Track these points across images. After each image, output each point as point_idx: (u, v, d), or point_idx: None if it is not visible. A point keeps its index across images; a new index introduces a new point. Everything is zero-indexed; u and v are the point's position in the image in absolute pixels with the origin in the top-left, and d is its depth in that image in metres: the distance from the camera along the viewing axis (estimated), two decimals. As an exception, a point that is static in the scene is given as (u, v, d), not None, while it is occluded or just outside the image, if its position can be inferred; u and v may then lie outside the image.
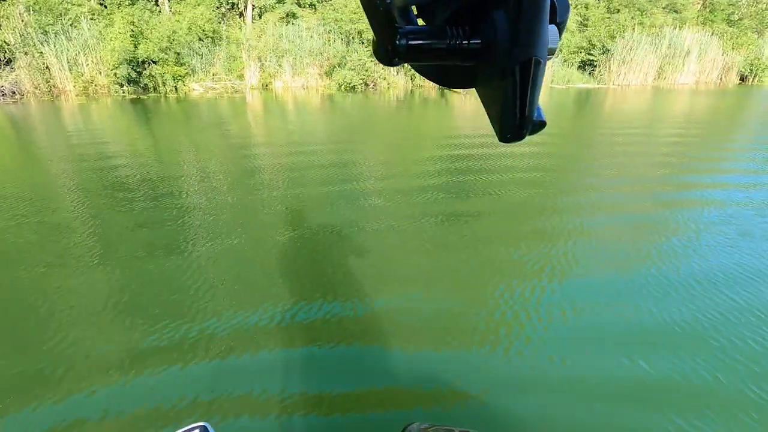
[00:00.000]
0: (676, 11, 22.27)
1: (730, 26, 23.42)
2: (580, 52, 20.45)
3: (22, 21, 13.58)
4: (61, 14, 14.53)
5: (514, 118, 0.30)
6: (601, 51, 20.06)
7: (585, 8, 22.46)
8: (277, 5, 18.33)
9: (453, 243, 3.75)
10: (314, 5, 19.09)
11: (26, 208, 4.43)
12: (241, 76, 15.95)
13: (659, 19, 20.96)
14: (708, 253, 3.60)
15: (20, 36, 13.39)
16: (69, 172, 5.68)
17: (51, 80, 13.69)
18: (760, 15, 24.22)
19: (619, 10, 21.88)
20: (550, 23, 0.30)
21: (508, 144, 0.47)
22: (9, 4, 13.80)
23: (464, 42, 0.29)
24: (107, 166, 5.98)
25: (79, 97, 13.49)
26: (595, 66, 20.39)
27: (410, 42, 0.28)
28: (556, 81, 19.03)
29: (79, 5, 15.31)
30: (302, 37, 16.40)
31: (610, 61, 19.69)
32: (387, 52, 0.30)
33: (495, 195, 5.04)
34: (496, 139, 0.31)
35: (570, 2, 0.33)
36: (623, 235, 4.01)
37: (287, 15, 17.95)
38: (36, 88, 13.25)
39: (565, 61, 20.00)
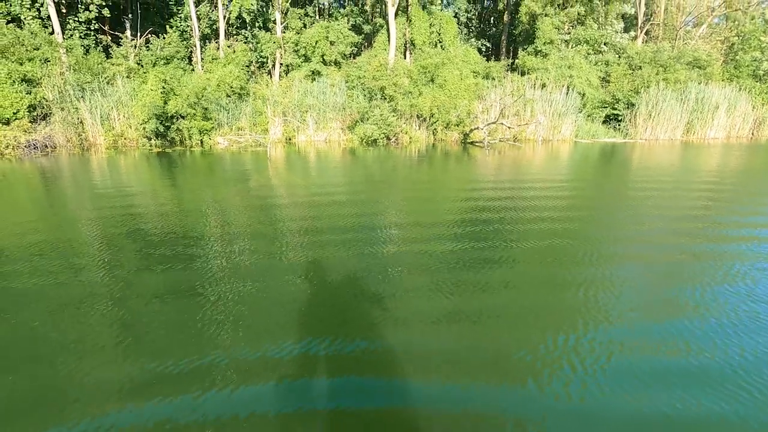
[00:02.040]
0: (699, 67, 22.17)
1: (757, 81, 23.10)
2: (605, 107, 20.31)
3: (63, 79, 14.30)
4: (99, 73, 15.32)
5: None
6: (626, 105, 19.88)
7: (606, 65, 22.63)
8: (303, 64, 19.04)
9: (473, 289, 3.70)
10: (339, 63, 19.76)
11: (48, 252, 4.52)
12: (265, 131, 16.25)
13: (682, 74, 20.83)
14: (741, 303, 3.53)
15: (59, 93, 14.04)
16: (92, 219, 5.81)
17: (83, 134, 14.16)
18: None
19: (641, 67, 21.92)
20: None
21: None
22: (52, 65, 14.63)
23: None
24: (130, 214, 6.09)
25: (108, 150, 13.84)
26: (620, 120, 20.14)
27: None
28: (581, 135, 18.76)
29: (118, 65, 16.17)
30: (326, 93, 16.78)
31: (635, 115, 19.42)
32: None
33: (518, 245, 4.90)
34: (515, 193, 0.29)
35: (592, 59, 0.26)
36: (653, 284, 3.90)
37: (312, 72, 18.57)
38: (68, 141, 13.69)
39: (588, 116, 19.83)
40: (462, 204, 7.18)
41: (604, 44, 23.61)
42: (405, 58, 20.94)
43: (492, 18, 29.78)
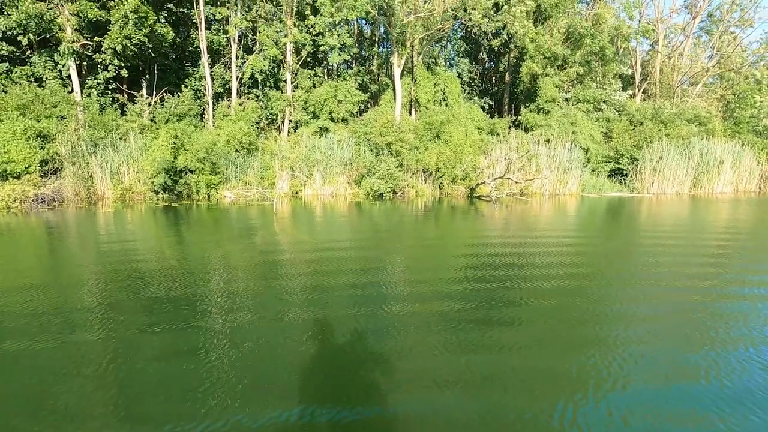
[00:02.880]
0: (701, 124, 22.57)
1: (758, 137, 23.41)
2: (609, 162, 20.49)
3: (77, 135, 14.65)
4: (113, 129, 15.72)
5: None
6: (630, 160, 20.04)
7: (607, 121, 23.10)
8: (311, 120, 19.56)
9: (481, 350, 3.63)
10: (346, 120, 20.28)
11: (47, 310, 4.41)
12: (272, 185, 16.37)
13: (684, 130, 21.16)
14: (757, 369, 3.43)
15: (72, 148, 14.33)
16: (94, 276, 5.72)
17: (92, 188, 14.28)
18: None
19: (642, 123, 22.35)
20: None
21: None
22: (68, 121, 15.06)
23: None
24: (132, 270, 6.01)
25: (115, 204, 13.88)
26: (625, 175, 20.22)
27: None
28: (588, 190, 18.75)
29: (132, 121, 16.64)
30: (333, 149, 17.06)
31: (640, 170, 19.52)
32: None
33: (527, 304, 4.81)
34: (524, 248, 0.30)
35: (593, 116, 0.27)
36: (665, 346, 3.82)
37: (320, 129, 19.02)
38: (76, 195, 13.77)
39: (593, 170, 19.95)
40: (469, 260, 7.03)
41: (604, 102, 24.27)
42: (411, 115, 21.51)
43: (493, 78, 30.96)
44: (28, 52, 16.84)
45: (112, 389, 2.97)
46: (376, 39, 26.05)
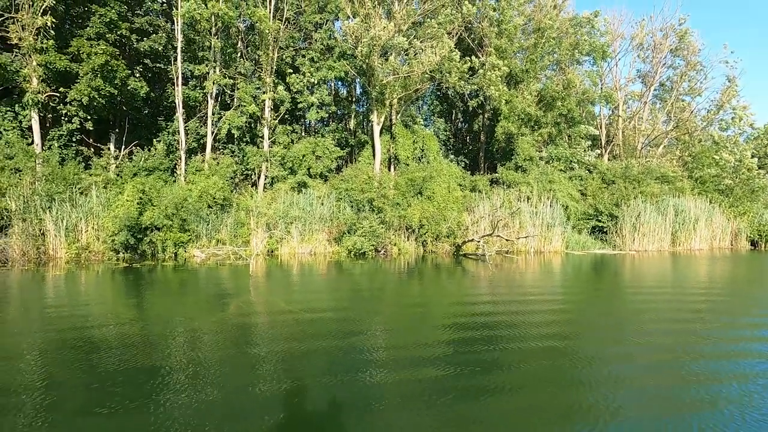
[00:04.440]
0: (668, 182, 23.38)
1: (722, 195, 24.41)
2: (589, 219, 20.61)
3: (32, 189, 13.40)
4: (74, 183, 14.56)
5: None
6: (609, 218, 20.22)
7: (580, 179, 23.63)
8: (289, 176, 18.98)
9: (467, 422, 3.47)
10: (324, 176, 19.81)
11: None
12: (246, 242, 15.31)
13: (656, 188, 21.78)
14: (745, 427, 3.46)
15: (24, 203, 13.02)
16: (33, 349, 5.06)
17: (42, 247, 12.83)
18: (747, 183, 25.58)
19: (614, 182, 22.94)
20: None
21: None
22: (24, 174, 13.85)
23: None
24: (81, 341, 5.38)
25: (68, 264, 12.44)
26: (606, 232, 20.32)
27: None
28: (572, 246, 18.57)
29: (96, 175, 15.54)
30: (313, 205, 16.35)
31: (620, 227, 19.66)
32: None
33: (513, 367, 4.71)
34: (515, 307, 0.35)
35: (567, 174, 0.29)
36: (649, 411, 3.78)
37: (298, 184, 18.40)
38: (23, 255, 12.28)
39: (574, 227, 19.95)
40: (457, 324, 6.76)
41: (575, 162, 25.01)
42: (390, 172, 21.33)
43: (467, 137, 31.79)
44: (-13, 103, 15.82)
45: None
46: (353, 98, 26.47)
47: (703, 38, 48.69)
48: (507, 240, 16.44)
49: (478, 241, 15.72)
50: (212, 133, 19.02)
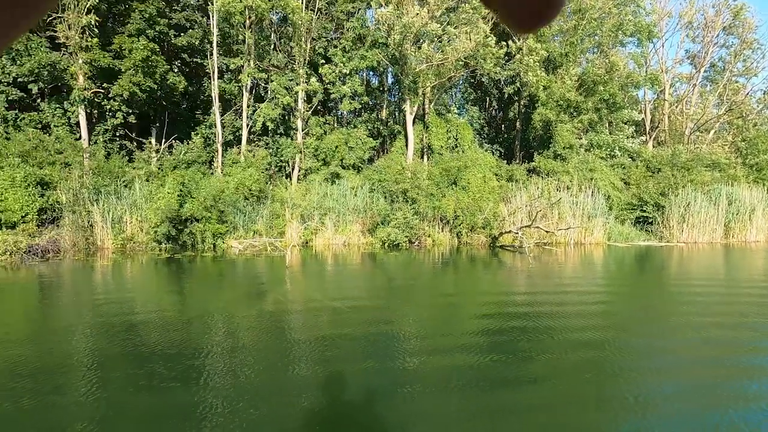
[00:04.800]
0: (720, 170, 21.97)
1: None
2: (633, 209, 19.66)
3: (80, 182, 14.00)
4: (119, 176, 15.11)
5: None
6: (655, 208, 19.22)
7: (622, 168, 22.54)
8: (322, 167, 19.04)
9: (504, 413, 3.37)
10: (358, 167, 19.75)
11: (35, 370, 4.09)
12: (282, 234, 15.49)
13: (707, 176, 20.50)
14: None
15: (74, 196, 13.63)
16: (85, 333, 5.37)
17: (91, 237, 13.41)
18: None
19: (660, 169, 21.75)
20: None
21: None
22: (73, 168, 14.48)
23: None
24: (128, 327, 5.60)
25: (115, 254, 12.96)
26: (651, 223, 19.34)
27: None
28: (615, 238, 17.78)
29: (138, 169, 16.09)
30: (346, 196, 16.33)
31: (668, 218, 18.64)
32: None
33: (549, 358, 4.52)
34: (551, 296, 0.35)
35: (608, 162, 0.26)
36: (695, 406, 3.62)
37: (331, 175, 18.43)
38: (74, 245, 12.88)
39: (616, 218, 19.08)
40: (492, 313, 6.70)
41: (617, 149, 23.87)
42: (423, 162, 21.04)
43: (502, 125, 30.93)
44: (39, 100, 16.59)
45: None
46: (385, 88, 26.20)
47: (760, 14, 45.37)
48: (546, 231, 15.88)
49: (516, 233, 15.27)
50: (247, 125, 19.30)
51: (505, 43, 20.83)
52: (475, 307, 7.33)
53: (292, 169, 19.46)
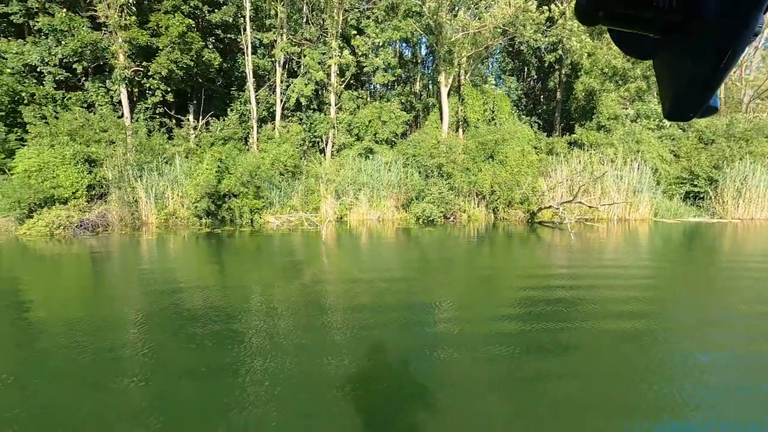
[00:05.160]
0: (784, 140, 20.25)
1: None
2: (683, 183, 18.55)
3: (124, 159, 14.51)
4: (160, 153, 15.55)
5: (698, 95, 0.29)
6: (707, 182, 18.04)
7: (672, 139, 21.18)
8: (355, 143, 18.90)
9: (537, 382, 3.31)
10: (392, 141, 19.49)
11: (88, 330, 4.49)
12: (317, 209, 15.62)
13: (766, 147, 18.97)
14: None
15: (119, 172, 14.16)
16: (134, 301, 5.72)
17: (136, 213, 13.96)
18: None
19: (713, 141, 20.30)
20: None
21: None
22: (117, 146, 14.99)
23: (669, 9, 0.28)
24: (172, 297, 5.88)
25: (159, 229, 13.47)
26: (702, 198, 18.21)
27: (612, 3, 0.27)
28: (662, 214, 16.89)
29: (178, 146, 16.49)
30: (380, 171, 16.19)
31: (721, 192, 17.48)
32: (584, 11, 0.29)
33: (588, 346, 4.25)
34: (591, 270, 0.37)
35: (656, 133, 0.29)
36: (738, 379, 3.43)
37: (365, 150, 18.28)
38: (121, 220, 13.46)
39: (665, 192, 18.07)
40: (529, 293, 6.48)
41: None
42: (459, 135, 20.49)
43: (541, 96, 29.62)
44: (83, 79, 17.16)
45: (149, 403, 2.96)
46: (418, 60, 25.46)
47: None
48: (589, 207, 15.22)
49: (557, 208, 14.73)
50: (281, 101, 19.31)
51: (546, 7, 19.63)
52: (511, 281, 7.24)
53: (326, 145, 19.44)
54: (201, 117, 19.48)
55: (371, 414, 3.01)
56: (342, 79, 19.82)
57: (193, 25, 17.31)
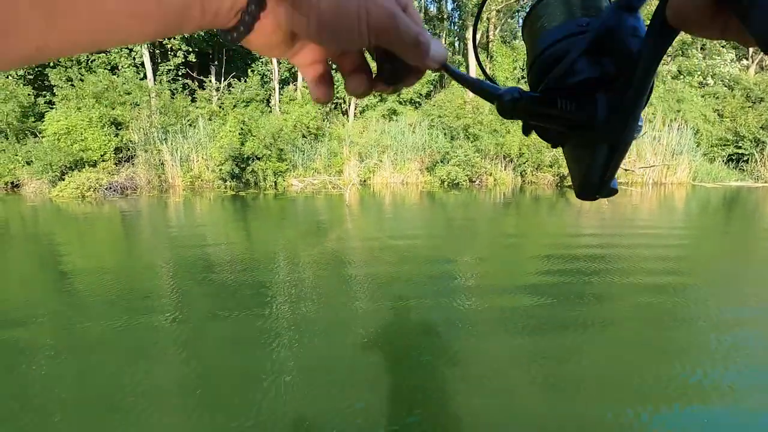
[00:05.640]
0: (843, 98, 18.70)
1: None
2: (726, 145, 17.47)
3: (149, 122, 14.56)
4: (183, 116, 15.53)
5: (597, 181, 0.38)
6: (753, 144, 16.93)
7: (714, 98, 19.83)
8: (378, 104, 18.43)
9: (561, 354, 3.25)
10: (416, 102, 18.92)
11: (121, 295, 4.47)
12: (340, 172, 15.47)
13: (824, 106, 17.57)
14: None
15: (144, 135, 14.25)
16: (166, 264, 5.73)
17: (163, 175, 14.13)
18: None
19: (762, 99, 18.90)
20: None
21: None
22: (141, 108, 15.03)
23: (570, 113, 0.37)
24: (202, 260, 5.89)
25: (185, 192, 13.63)
26: (747, 161, 17.16)
27: (525, 104, 0.37)
28: (701, 178, 16.05)
29: (201, 108, 16.42)
30: (404, 133, 15.79)
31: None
32: (504, 108, 0.37)
33: (617, 321, 3.96)
34: (623, 238, 0.43)
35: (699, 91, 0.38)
36: None
37: (388, 112, 17.83)
38: (148, 183, 13.66)
39: (705, 155, 17.09)
40: (554, 254, 6.42)
41: (711, 76, 20.92)
42: (486, 96, 19.70)
43: (574, 53, 28.06)
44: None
45: (182, 372, 2.97)
46: (444, 15, 24.27)
47: None
48: (625, 170, 14.55)
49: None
50: (303, 61, 18.85)
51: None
52: (537, 247, 7.01)
53: (349, 106, 19.03)
54: (223, 78, 19.27)
55: (388, 361, 3.12)
56: (365, 37, 19.10)
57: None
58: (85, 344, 3.37)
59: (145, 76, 16.83)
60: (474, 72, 19.24)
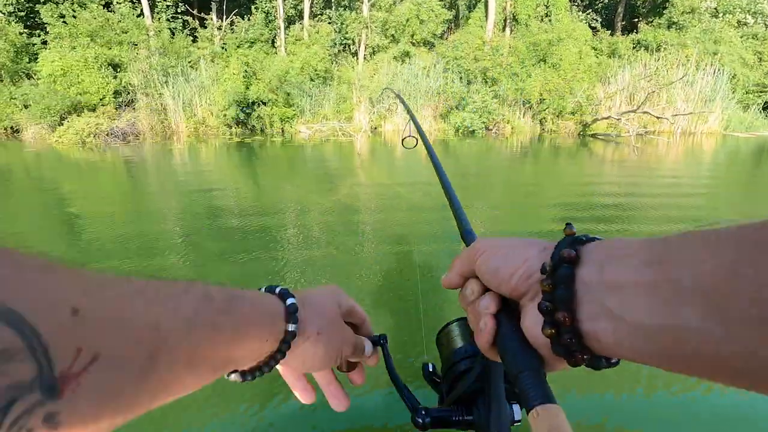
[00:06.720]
0: None
1: None
2: (763, 92, 16.30)
3: (148, 63, 13.76)
4: (184, 57, 14.67)
5: None
6: (794, 90, 15.77)
7: (755, 38, 18.28)
8: (390, 45, 17.26)
9: None
10: (430, 43, 17.70)
11: (129, 221, 4.76)
12: (349, 118, 14.73)
13: None
14: None
15: (144, 78, 13.52)
16: (175, 210, 5.69)
17: (165, 121, 13.54)
18: None
19: (808, 40, 17.39)
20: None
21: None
22: (139, 48, 14.17)
23: (464, 417, 0.55)
24: (209, 205, 5.86)
25: (189, 138, 13.11)
26: (784, 109, 16.08)
27: (432, 415, 0.54)
28: (734, 127, 15.09)
29: (203, 48, 15.48)
30: (418, 77, 14.85)
31: (809, 102, 15.30)
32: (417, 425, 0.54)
33: None
34: (645, 188, 0.99)
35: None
36: None
37: (401, 54, 16.71)
38: (151, 128, 13.11)
39: (739, 102, 15.98)
40: (570, 202, 6.26)
41: (751, 14, 19.20)
42: (506, 35, 18.34)
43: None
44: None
45: (187, 276, 2.47)
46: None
47: None
48: (657, 117, 13.57)
49: (617, 119, 13.26)
50: (309, -4, 17.48)
51: None
52: (555, 197, 6.75)
53: (359, 47, 17.86)
54: (225, 16, 18.05)
55: (394, 297, 3.21)
56: (376, -30, 17.57)
57: None
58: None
59: (142, 13, 15.76)
60: (493, 9, 17.81)
